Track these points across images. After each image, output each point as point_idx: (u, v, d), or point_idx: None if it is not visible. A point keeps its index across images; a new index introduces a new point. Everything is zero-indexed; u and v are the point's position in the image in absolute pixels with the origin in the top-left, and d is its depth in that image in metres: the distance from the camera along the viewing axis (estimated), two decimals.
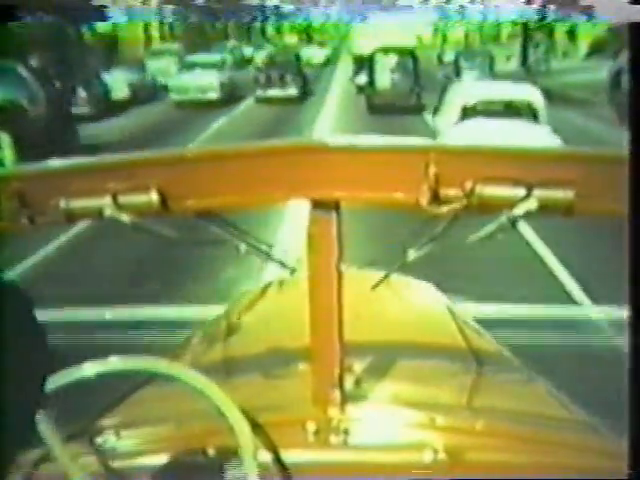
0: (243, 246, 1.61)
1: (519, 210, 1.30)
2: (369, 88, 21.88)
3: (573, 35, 44.59)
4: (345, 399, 1.51)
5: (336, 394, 1.50)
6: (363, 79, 23.90)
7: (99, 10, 33.48)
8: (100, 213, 1.39)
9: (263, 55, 31.36)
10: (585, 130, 17.10)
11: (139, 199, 1.38)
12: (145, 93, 26.57)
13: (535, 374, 2.06)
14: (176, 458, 1.44)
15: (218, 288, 6.47)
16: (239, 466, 1.36)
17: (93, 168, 1.47)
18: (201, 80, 24.99)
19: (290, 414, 1.55)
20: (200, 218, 1.48)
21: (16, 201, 1.38)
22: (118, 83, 24.40)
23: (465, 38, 58.01)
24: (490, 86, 14.98)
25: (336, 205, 1.44)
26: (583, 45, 42.76)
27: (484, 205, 1.33)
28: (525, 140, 9.03)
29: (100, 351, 1.44)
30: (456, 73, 26.05)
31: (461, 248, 1.49)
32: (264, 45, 50.25)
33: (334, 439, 1.48)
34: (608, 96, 19.94)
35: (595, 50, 38.71)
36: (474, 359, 2.06)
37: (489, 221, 1.36)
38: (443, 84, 17.29)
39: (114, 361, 1.39)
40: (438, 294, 2.77)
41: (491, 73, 25.95)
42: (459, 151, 1.43)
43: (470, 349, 2.16)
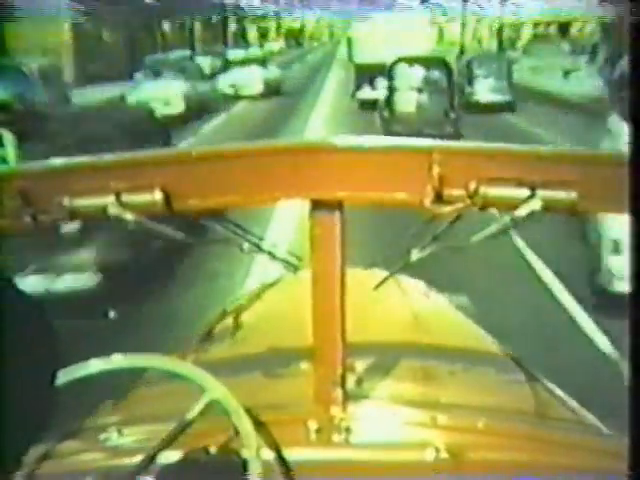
0: (246, 245, 1.62)
1: (522, 211, 1.30)
2: (386, 110, 15.64)
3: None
4: (347, 398, 1.52)
5: (338, 393, 1.51)
6: (368, 92, 20.21)
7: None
8: (104, 212, 1.39)
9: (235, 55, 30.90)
10: None
11: (142, 198, 1.39)
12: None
13: (535, 374, 2.07)
14: (178, 456, 1.44)
15: (220, 287, 6.48)
16: (241, 464, 1.36)
17: (97, 167, 1.47)
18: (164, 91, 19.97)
19: (292, 413, 1.55)
20: (204, 217, 1.48)
21: (19, 199, 1.38)
22: None
23: (478, 41, 53.30)
24: None
25: (339, 205, 1.44)
26: None
27: (487, 205, 1.33)
28: None
29: (104, 349, 1.44)
30: (468, 80, 21.19)
31: (464, 248, 1.49)
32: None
33: (336, 438, 1.49)
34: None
35: None
36: (475, 358, 2.07)
37: (492, 221, 1.37)
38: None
39: (119, 358, 1.39)
40: (440, 294, 2.78)
41: (509, 81, 21.54)
42: (463, 151, 1.43)
43: (471, 349, 2.16)
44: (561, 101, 22.66)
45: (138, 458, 1.43)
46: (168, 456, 1.44)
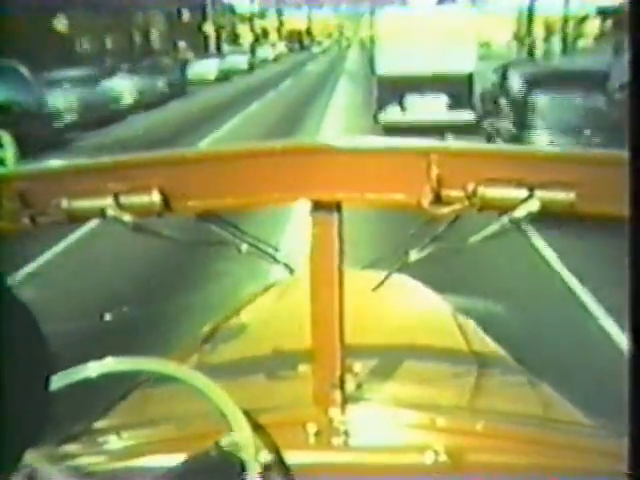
0: (245, 247, 1.61)
1: (521, 211, 1.30)
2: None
3: None
4: (346, 400, 1.52)
5: (337, 395, 1.50)
6: (397, 114, 15.06)
7: None
8: (102, 213, 1.39)
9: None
10: None
11: (141, 199, 1.38)
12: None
13: (535, 375, 2.06)
14: (177, 459, 1.44)
15: (220, 290, 6.47)
16: (240, 467, 1.36)
17: (95, 168, 1.47)
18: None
19: (291, 415, 1.55)
20: (202, 219, 1.48)
21: (18, 201, 1.38)
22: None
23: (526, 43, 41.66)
24: None
25: (338, 206, 1.44)
26: None
27: (486, 206, 1.33)
28: None
29: (102, 352, 1.44)
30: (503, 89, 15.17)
31: (463, 249, 1.49)
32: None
33: (335, 440, 1.48)
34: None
35: None
36: (475, 361, 2.06)
37: (491, 222, 1.37)
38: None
39: (117, 361, 1.39)
40: (439, 296, 2.78)
41: None
42: (461, 152, 1.43)
43: (471, 351, 2.16)
44: None
45: (137, 461, 1.42)
46: (167, 458, 1.43)
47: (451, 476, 1.43)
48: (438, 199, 1.35)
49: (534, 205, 1.29)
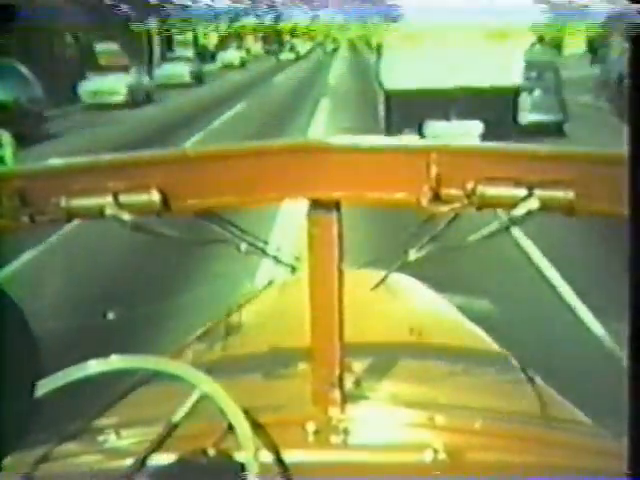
0: (244, 245, 1.61)
1: (520, 210, 1.30)
2: None
3: None
4: (345, 399, 1.52)
5: (336, 394, 1.50)
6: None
7: None
8: (101, 212, 1.39)
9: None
10: None
11: (140, 198, 1.38)
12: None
13: (534, 374, 2.06)
14: (176, 458, 1.44)
15: (218, 288, 6.47)
16: (239, 466, 1.36)
17: (94, 167, 1.47)
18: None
19: (290, 414, 1.55)
20: (201, 217, 1.48)
21: (17, 200, 1.38)
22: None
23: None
24: None
25: (337, 205, 1.44)
26: None
27: (485, 205, 1.33)
28: None
29: (101, 350, 1.44)
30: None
31: (462, 248, 1.49)
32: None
33: (334, 439, 1.48)
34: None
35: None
36: (474, 359, 2.06)
37: (490, 221, 1.37)
38: None
39: (116, 360, 1.39)
40: (438, 294, 2.77)
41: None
42: (460, 151, 1.43)
43: (470, 349, 2.16)
44: None
45: (136, 460, 1.42)
46: (165, 458, 1.43)
47: (450, 474, 1.43)
48: (437, 198, 1.34)
49: (533, 204, 1.29)
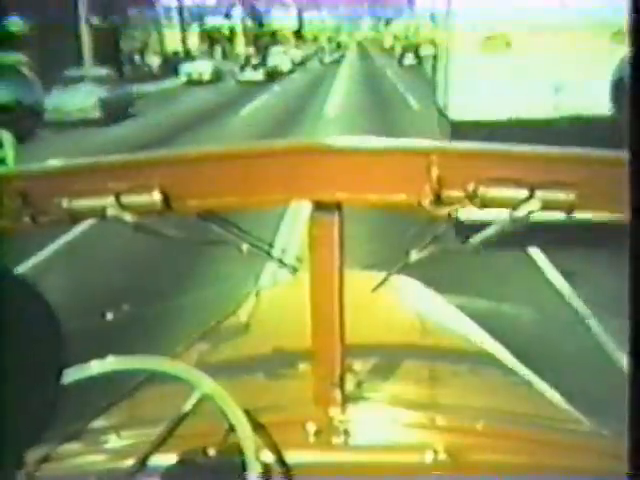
0: (245, 246, 1.62)
1: (521, 211, 1.30)
2: None
3: None
4: (346, 399, 1.52)
5: (337, 394, 1.51)
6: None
7: None
8: (103, 213, 1.39)
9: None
10: None
11: (142, 199, 1.39)
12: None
13: (535, 375, 2.07)
14: (178, 458, 1.44)
15: (220, 289, 6.47)
16: (241, 466, 1.36)
17: (96, 168, 1.47)
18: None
19: (291, 414, 1.55)
20: (202, 218, 1.48)
21: (19, 200, 1.38)
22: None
23: None
24: None
25: (338, 206, 1.44)
26: None
27: (486, 206, 1.33)
28: None
29: (103, 350, 1.44)
30: None
31: (463, 250, 1.49)
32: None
33: (335, 439, 1.49)
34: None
35: None
36: (475, 360, 2.07)
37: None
38: None
39: (118, 360, 1.39)
40: (439, 295, 2.78)
41: None
42: (461, 153, 1.43)
43: (471, 350, 2.16)
44: None
45: (137, 460, 1.42)
46: (166, 458, 1.43)
47: (451, 475, 1.43)
48: (438, 199, 1.35)
49: (535, 205, 1.29)
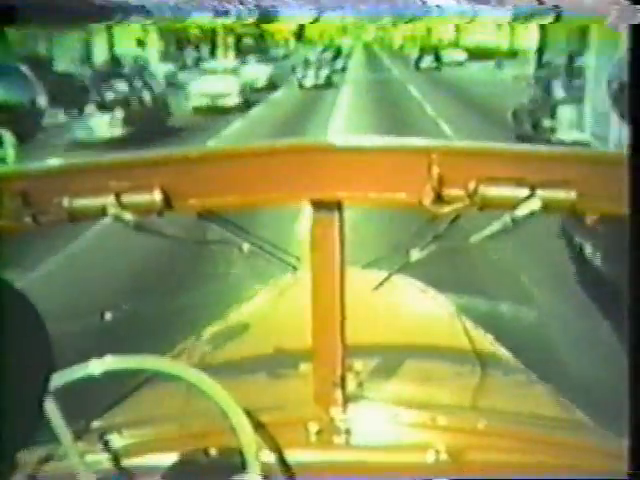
0: (246, 246, 1.62)
1: (522, 210, 1.30)
2: None
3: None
4: (347, 399, 1.52)
5: (338, 394, 1.51)
6: None
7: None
8: (103, 212, 1.39)
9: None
10: None
11: (142, 198, 1.38)
12: None
13: (536, 375, 2.07)
14: (179, 457, 1.44)
15: (221, 288, 6.46)
16: (241, 466, 1.36)
17: (96, 167, 1.47)
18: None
19: (292, 414, 1.55)
20: (203, 218, 1.48)
21: (19, 200, 1.38)
22: None
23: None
24: None
25: (339, 205, 1.44)
26: None
27: (487, 205, 1.33)
28: None
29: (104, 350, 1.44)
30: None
31: (464, 248, 1.49)
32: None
33: (336, 439, 1.49)
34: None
35: None
36: (476, 360, 2.06)
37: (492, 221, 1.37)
38: None
39: (119, 359, 1.39)
40: (440, 295, 2.77)
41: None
42: (462, 151, 1.43)
43: (472, 350, 2.16)
44: None
45: (139, 460, 1.43)
46: (167, 457, 1.44)
47: (452, 475, 1.43)
48: (439, 198, 1.35)
49: (535, 204, 1.29)
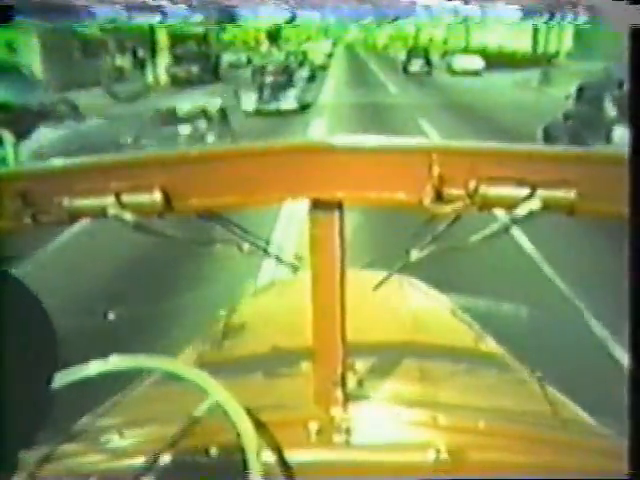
0: (246, 245, 1.62)
1: (522, 210, 1.30)
2: None
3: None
4: (347, 398, 1.52)
5: (338, 393, 1.51)
6: None
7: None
8: (103, 212, 1.39)
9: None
10: None
11: (142, 198, 1.39)
12: None
13: (536, 374, 2.06)
14: (179, 457, 1.44)
15: (221, 288, 6.47)
16: (242, 465, 1.36)
17: (96, 167, 1.47)
18: None
19: (293, 413, 1.55)
20: (203, 218, 1.48)
21: (19, 200, 1.38)
22: None
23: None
24: None
25: (339, 205, 1.44)
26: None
27: (487, 205, 1.33)
28: None
29: (104, 350, 1.44)
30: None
31: (464, 248, 1.49)
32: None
33: (336, 438, 1.49)
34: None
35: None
36: (476, 359, 2.07)
37: (492, 221, 1.37)
38: None
39: (119, 360, 1.39)
40: (440, 294, 2.78)
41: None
42: (462, 151, 1.43)
43: (472, 349, 2.16)
44: None
45: (139, 460, 1.43)
46: (169, 457, 1.44)
47: (452, 474, 1.44)
48: (439, 198, 1.35)
49: (535, 204, 1.29)
